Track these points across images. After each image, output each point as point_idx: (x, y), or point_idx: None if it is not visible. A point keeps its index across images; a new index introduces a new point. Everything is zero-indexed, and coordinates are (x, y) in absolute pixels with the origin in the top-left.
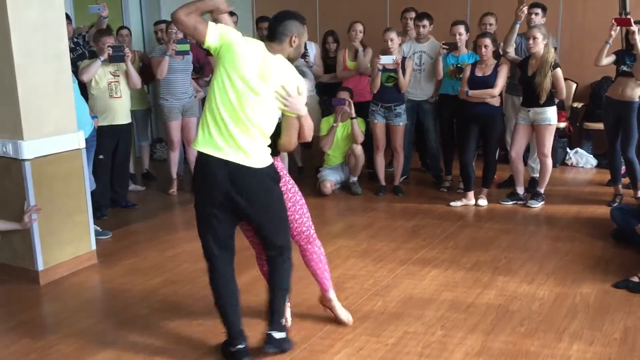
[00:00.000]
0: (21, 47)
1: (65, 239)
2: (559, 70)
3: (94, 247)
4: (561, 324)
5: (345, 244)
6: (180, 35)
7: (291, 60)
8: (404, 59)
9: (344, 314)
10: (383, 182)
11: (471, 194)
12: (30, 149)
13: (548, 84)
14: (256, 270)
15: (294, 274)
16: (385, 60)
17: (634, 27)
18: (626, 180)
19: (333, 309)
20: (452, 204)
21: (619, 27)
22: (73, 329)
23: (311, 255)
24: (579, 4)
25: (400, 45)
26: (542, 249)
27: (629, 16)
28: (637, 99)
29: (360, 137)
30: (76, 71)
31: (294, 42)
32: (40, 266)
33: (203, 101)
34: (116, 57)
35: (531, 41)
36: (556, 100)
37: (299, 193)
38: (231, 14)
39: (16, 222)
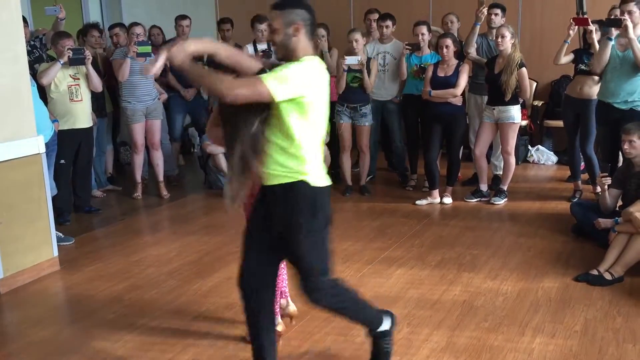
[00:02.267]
0: None
1: (26, 246)
2: (524, 70)
3: (56, 253)
4: (524, 318)
5: None
6: (143, 38)
7: None
8: (368, 59)
9: (292, 307)
10: (349, 182)
11: (436, 192)
12: None
13: (513, 82)
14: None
15: None
16: (351, 60)
17: (592, 27)
18: (585, 176)
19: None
20: (417, 202)
21: (577, 27)
22: (36, 337)
23: None
24: (537, 4)
25: (364, 45)
26: (505, 245)
27: (586, 16)
28: (594, 97)
29: (326, 138)
30: (34, 74)
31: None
32: (1, 274)
33: (165, 103)
34: (76, 60)
35: (500, 39)
36: (520, 100)
37: None
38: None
39: None
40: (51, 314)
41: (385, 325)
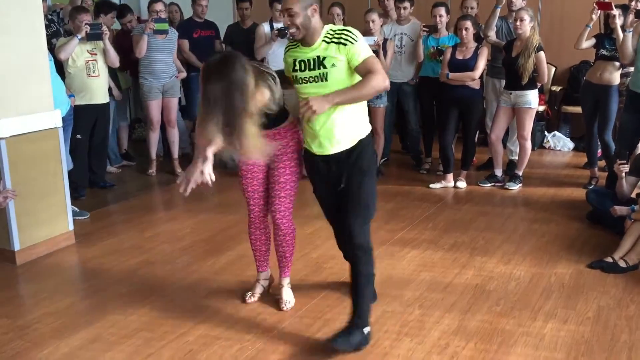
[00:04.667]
0: None
1: (42, 219)
2: (542, 54)
3: (71, 227)
4: (536, 304)
5: (324, 225)
6: (163, 15)
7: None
8: (385, 40)
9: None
10: None
11: (450, 176)
12: (5, 127)
13: (531, 66)
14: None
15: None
16: (367, 41)
17: (615, 11)
18: (602, 163)
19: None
20: (431, 185)
21: (600, 11)
22: (51, 309)
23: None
24: None
25: (381, 26)
26: (519, 230)
27: (609, 0)
28: (615, 83)
29: None
30: (51, 49)
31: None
32: (17, 246)
33: (184, 81)
34: (94, 35)
35: (518, 22)
36: (538, 85)
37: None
38: None
39: None
40: (66, 286)
41: (367, 330)
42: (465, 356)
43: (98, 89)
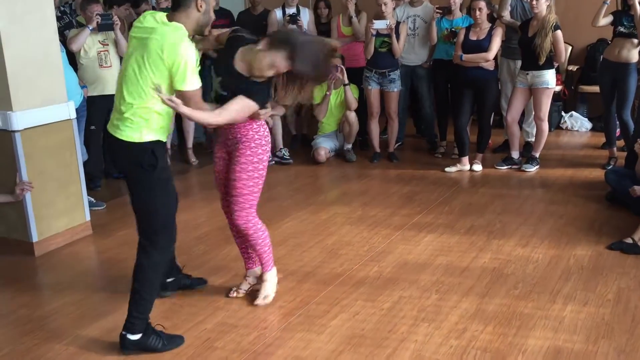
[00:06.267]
0: (6, 14)
1: (59, 211)
2: (559, 32)
3: (88, 218)
4: (555, 286)
5: (340, 211)
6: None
7: (202, 27)
8: (398, 23)
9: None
10: (377, 149)
11: (466, 159)
12: (20, 119)
13: (548, 45)
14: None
15: (292, 241)
16: (379, 25)
17: None
18: (621, 142)
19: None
20: (446, 169)
21: None
22: (70, 299)
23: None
24: None
25: (394, 9)
26: (536, 212)
27: None
28: (633, 61)
29: (354, 104)
30: (64, 40)
31: (201, 6)
32: (35, 238)
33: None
34: (105, 26)
35: (534, 1)
36: (555, 64)
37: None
38: None
39: (9, 194)
40: (84, 277)
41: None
42: (484, 340)
43: (111, 80)
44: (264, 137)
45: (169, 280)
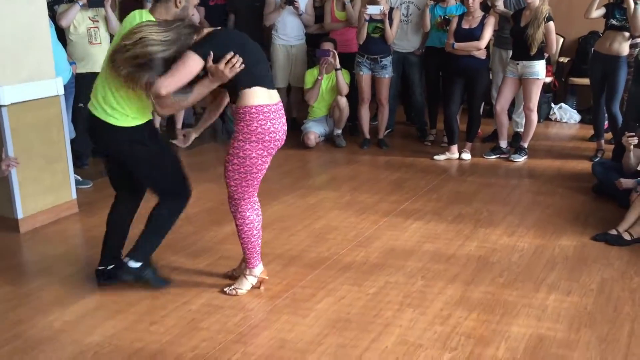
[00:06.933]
0: None
1: (45, 188)
2: (551, 24)
3: (74, 196)
4: (539, 275)
5: (328, 196)
6: None
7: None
8: (391, 9)
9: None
10: (367, 135)
11: (455, 147)
12: (6, 94)
13: (540, 36)
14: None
15: (279, 224)
16: (372, 10)
17: None
18: (609, 135)
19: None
20: (435, 157)
21: None
22: (54, 277)
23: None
24: None
25: None
26: (523, 202)
27: None
28: (624, 54)
29: (345, 89)
30: (53, 16)
31: (180, 2)
32: (20, 214)
33: None
34: (95, 2)
35: None
36: (545, 55)
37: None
38: None
39: None
40: (70, 254)
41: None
42: (468, 327)
43: (100, 57)
44: (256, 133)
45: (109, 267)
